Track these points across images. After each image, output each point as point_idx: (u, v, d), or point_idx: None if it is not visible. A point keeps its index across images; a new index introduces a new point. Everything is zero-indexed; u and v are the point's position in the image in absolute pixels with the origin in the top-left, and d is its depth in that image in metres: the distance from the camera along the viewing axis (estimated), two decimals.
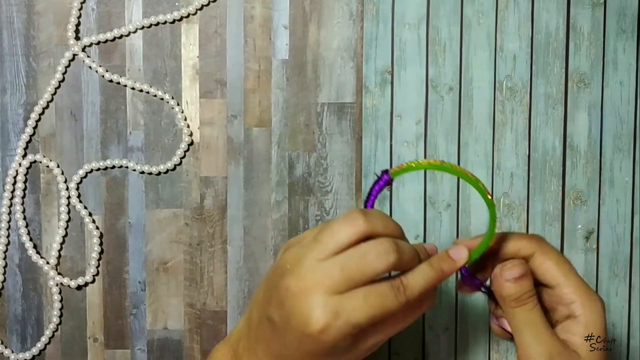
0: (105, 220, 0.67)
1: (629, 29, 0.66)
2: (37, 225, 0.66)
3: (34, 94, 0.66)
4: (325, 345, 0.44)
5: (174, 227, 0.67)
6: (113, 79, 0.65)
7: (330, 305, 0.44)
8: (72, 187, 0.66)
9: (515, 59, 0.66)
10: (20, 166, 0.66)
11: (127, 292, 0.67)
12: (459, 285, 0.52)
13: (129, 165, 0.66)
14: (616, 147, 0.66)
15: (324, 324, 0.43)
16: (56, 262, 0.66)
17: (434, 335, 0.67)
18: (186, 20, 0.65)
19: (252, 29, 0.66)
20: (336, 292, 0.44)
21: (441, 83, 0.66)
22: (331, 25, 0.65)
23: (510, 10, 0.66)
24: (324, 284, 0.44)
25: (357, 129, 0.66)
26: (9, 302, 0.67)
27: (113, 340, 0.67)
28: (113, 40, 0.66)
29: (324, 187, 0.66)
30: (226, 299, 0.67)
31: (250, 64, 0.66)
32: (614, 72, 0.66)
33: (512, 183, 0.66)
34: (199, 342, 0.67)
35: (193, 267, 0.67)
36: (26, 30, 0.65)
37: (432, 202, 0.66)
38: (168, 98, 0.65)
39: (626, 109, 0.66)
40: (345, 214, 0.46)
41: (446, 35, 0.66)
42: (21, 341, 0.67)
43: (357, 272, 0.44)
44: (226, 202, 0.66)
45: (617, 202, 0.67)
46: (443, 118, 0.66)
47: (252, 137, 0.66)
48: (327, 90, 0.66)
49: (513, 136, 0.66)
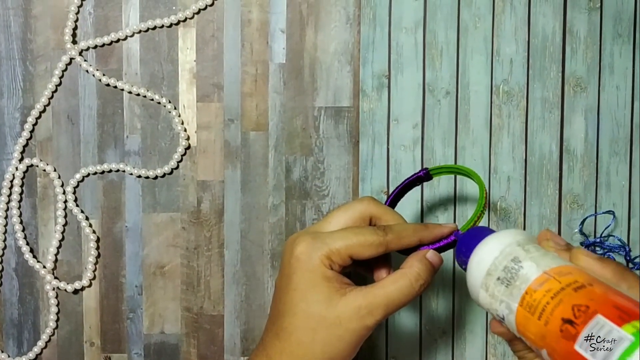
0: (102, 224, 0.67)
1: (625, 33, 0.66)
2: (34, 229, 0.66)
3: (30, 98, 0.66)
4: (305, 266, 0.49)
5: (170, 231, 0.67)
6: (110, 82, 0.65)
7: (312, 234, 0.50)
8: (69, 191, 0.66)
9: (512, 63, 0.66)
10: (17, 170, 0.66)
11: (123, 296, 0.67)
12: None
13: (126, 169, 0.66)
14: (613, 151, 0.67)
15: (304, 244, 0.49)
16: (53, 266, 0.66)
17: (431, 340, 0.67)
18: (183, 24, 0.65)
19: (249, 32, 0.66)
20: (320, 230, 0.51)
21: (438, 87, 0.66)
22: (328, 29, 0.66)
23: (506, 14, 0.66)
24: (310, 228, 0.52)
25: (354, 132, 0.66)
26: (6, 306, 0.67)
27: (110, 345, 0.67)
28: (110, 44, 0.66)
29: (321, 191, 0.66)
30: (223, 303, 0.67)
31: (247, 68, 0.66)
32: (610, 76, 0.66)
33: (509, 187, 0.67)
34: (196, 346, 0.67)
35: (190, 271, 0.67)
36: (23, 34, 0.65)
37: (430, 207, 0.67)
38: (165, 102, 0.65)
39: (622, 113, 0.66)
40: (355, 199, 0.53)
41: (443, 39, 0.66)
42: (18, 345, 0.67)
43: (336, 212, 0.52)
44: (223, 206, 0.66)
45: (614, 206, 0.67)
46: (440, 122, 0.66)
47: (249, 141, 0.66)
48: (324, 94, 0.66)
49: (510, 140, 0.66)
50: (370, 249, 0.49)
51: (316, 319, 0.49)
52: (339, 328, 0.48)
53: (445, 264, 0.67)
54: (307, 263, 0.49)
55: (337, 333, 0.49)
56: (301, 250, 0.49)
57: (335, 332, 0.49)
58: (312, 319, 0.49)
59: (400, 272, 0.50)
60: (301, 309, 0.49)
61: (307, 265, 0.49)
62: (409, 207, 0.66)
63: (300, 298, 0.49)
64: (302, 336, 0.49)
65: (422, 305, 0.67)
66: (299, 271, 0.49)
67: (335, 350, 0.49)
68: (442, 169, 0.57)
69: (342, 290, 0.49)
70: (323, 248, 0.49)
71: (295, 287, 0.49)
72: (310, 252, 0.49)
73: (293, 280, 0.49)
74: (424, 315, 0.67)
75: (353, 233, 0.49)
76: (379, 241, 0.49)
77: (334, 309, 0.48)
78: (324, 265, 0.49)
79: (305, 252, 0.49)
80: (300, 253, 0.49)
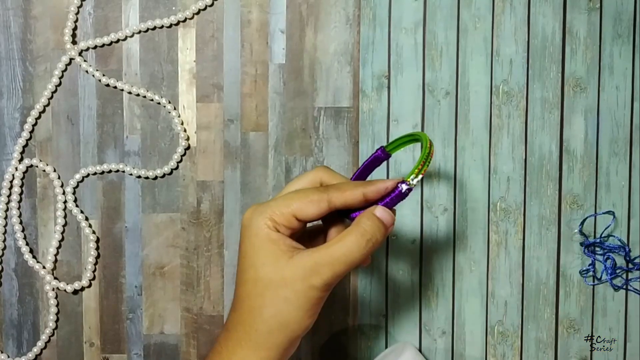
0: (102, 224, 0.67)
1: (624, 34, 0.66)
2: (34, 230, 0.66)
3: (30, 98, 0.66)
4: (251, 231, 0.48)
5: (170, 232, 0.67)
6: (110, 83, 0.65)
7: (258, 204, 0.50)
8: (69, 191, 0.66)
9: (512, 64, 0.66)
10: (17, 170, 0.66)
11: (123, 296, 0.67)
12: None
13: (126, 170, 0.66)
14: (612, 151, 0.67)
15: (249, 211, 0.49)
16: (52, 267, 0.66)
17: (430, 340, 0.67)
18: (183, 25, 0.66)
19: (249, 33, 0.66)
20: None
21: (438, 87, 0.66)
22: (328, 30, 0.66)
23: (506, 14, 0.66)
24: (263, 201, 0.52)
25: (354, 133, 0.66)
26: (5, 306, 0.67)
27: (109, 345, 0.67)
28: (110, 44, 0.66)
29: None
30: (223, 303, 0.67)
31: (247, 68, 0.66)
32: (610, 77, 0.66)
33: (508, 187, 0.67)
34: (195, 346, 0.67)
35: (190, 271, 0.67)
36: (23, 34, 0.65)
37: (429, 206, 0.67)
38: (165, 102, 0.65)
39: (622, 113, 0.66)
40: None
41: (443, 39, 0.66)
42: (17, 346, 0.67)
43: (289, 185, 0.51)
44: (223, 206, 0.66)
45: (614, 206, 0.67)
46: (440, 122, 0.66)
47: (248, 142, 0.66)
48: (323, 94, 0.66)
49: (509, 140, 0.66)
50: (311, 206, 0.48)
51: (264, 282, 0.48)
52: (285, 289, 0.47)
53: (445, 264, 0.67)
54: (251, 228, 0.48)
55: (284, 295, 0.47)
56: (247, 217, 0.49)
57: (281, 294, 0.47)
58: (260, 282, 0.48)
59: (347, 229, 0.48)
60: (250, 276, 0.48)
61: (252, 231, 0.48)
62: (409, 208, 0.66)
63: (249, 264, 0.48)
64: (252, 302, 0.48)
65: (422, 305, 0.67)
66: (245, 238, 0.49)
67: (285, 314, 0.47)
68: (396, 142, 0.54)
69: (290, 253, 0.48)
70: (266, 211, 0.48)
71: (244, 254, 0.49)
72: (254, 217, 0.48)
73: (242, 248, 0.49)
74: (424, 315, 0.67)
75: (295, 194, 0.49)
76: (320, 197, 0.48)
77: (281, 270, 0.47)
78: (268, 227, 0.48)
79: (249, 217, 0.49)
80: (245, 219, 0.49)
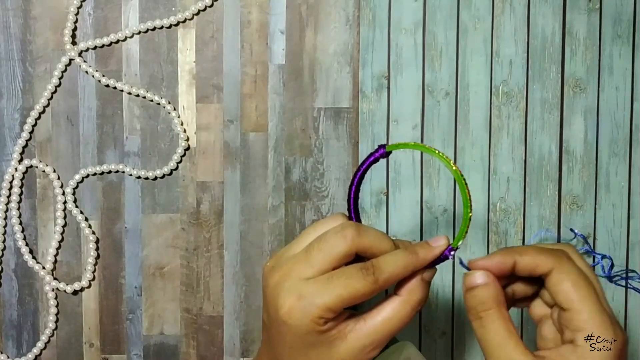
0: (102, 225, 0.66)
1: (624, 34, 0.66)
2: (33, 230, 0.66)
3: (30, 99, 0.66)
4: (296, 330, 0.44)
5: (170, 232, 0.67)
6: (109, 83, 0.65)
7: (295, 288, 0.44)
8: (69, 192, 0.66)
9: (512, 64, 0.66)
10: (17, 171, 0.66)
11: (123, 297, 0.67)
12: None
13: (125, 170, 0.66)
14: (612, 151, 0.67)
15: (288, 306, 0.44)
16: (52, 267, 0.66)
17: (430, 340, 0.67)
18: (183, 25, 0.66)
19: (248, 33, 0.66)
20: (303, 278, 0.44)
21: (437, 88, 0.66)
22: (328, 30, 0.66)
23: (506, 15, 0.66)
24: (292, 270, 0.45)
25: (354, 133, 0.66)
26: (5, 307, 0.67)
27: (109, 346, 0.67)
28: (109, 45, 0.66)
29: (321, 192, 0.66)
30: (223, 304, 0.67)
31: (246, 69, 0.66)
32: (609, 77, 0.66)
33: (508, 188, 0.67)
34: (195, 347, 0.67)
35: (189, 272, 0.67)
36: (22, 35, 0.65)
37: (429, 207, 0.67)
38: (164, 103, 0.65)
39: (622, 114, 0.66)
40: (336, 229, 0.45)
41: (442, 40, 0.66)
42: (17, 346, 0.67)
43: (318, 252, 0.44)
44: (223, 207, 0.66)
45: (614, 207, 0.67)
46: (439, 123, 0.66)
47: (248, 142, 0.66)
48: (323, 95, 0.66)
49: (509, 141, 0.66)
50: (362, 299, 0.44)
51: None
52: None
53: (444, 264, 0.67)
54: (298, 328, 0.44)
55: None
56: (288, 314, 0.44)
57: None
58: None
59: (400, 300, 0.46)
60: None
61: (298, 330, 0.44)
62: (409, 208, 0.66)
63: (298, 354, 0.45)
64: None
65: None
66: (289, 335, 0.45)
67: None
68: (401, 146, 0.50)
69: (341, 334, 0.45)
70: (313, 311, 0.44)
71: (291, 346, 0.45)
72: (299, 316, 0.44)
73: (286, 340, 0.45)
74: (423, 315, 0.67)
75: (341, 284, 0.44)
76: (371, 289, 0.44)
77: (337, 355, 0.45)
78: (317, 324, 0.44)
79: (293, 316, 0.44)
80: (287, 318, 0.44)
